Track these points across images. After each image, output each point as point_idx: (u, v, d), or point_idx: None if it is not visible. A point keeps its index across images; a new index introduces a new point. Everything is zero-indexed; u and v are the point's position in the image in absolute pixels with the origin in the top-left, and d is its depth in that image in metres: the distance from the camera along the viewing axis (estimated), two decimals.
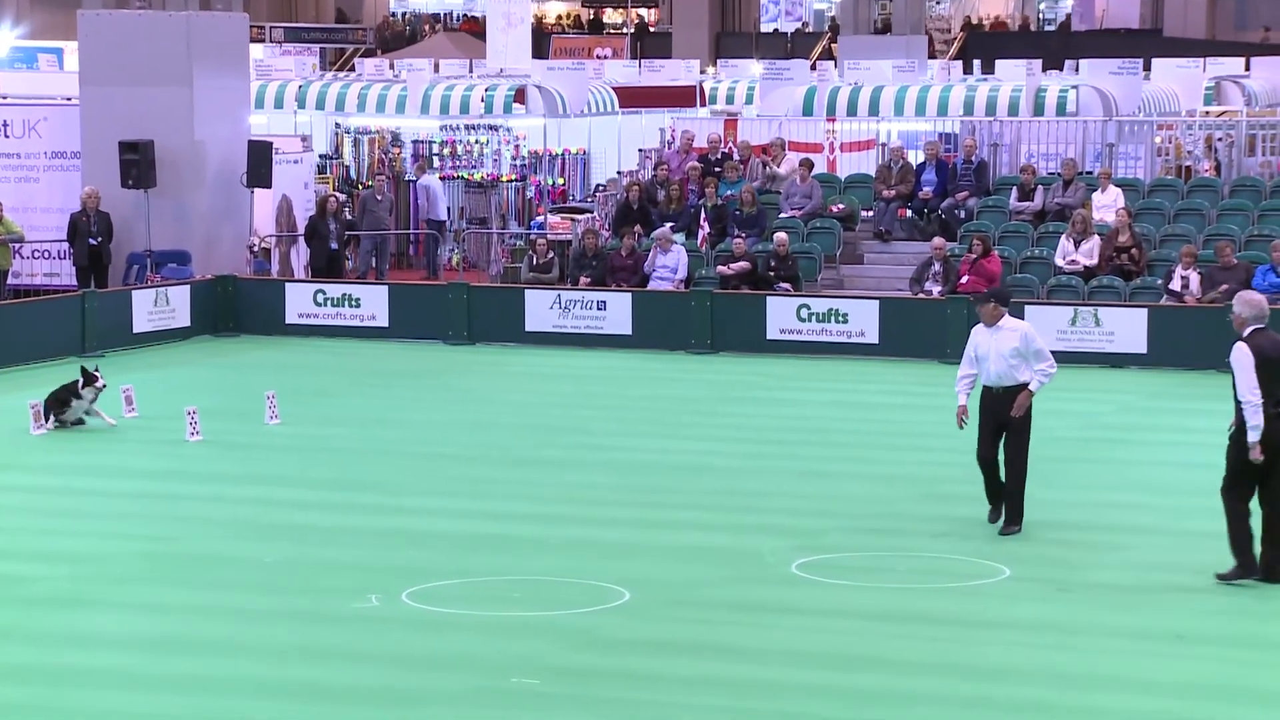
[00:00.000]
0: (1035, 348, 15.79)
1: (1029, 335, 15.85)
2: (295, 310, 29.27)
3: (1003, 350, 15.78)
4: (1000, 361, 15.78)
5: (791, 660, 12.36)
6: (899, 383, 25.08)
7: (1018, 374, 15.73)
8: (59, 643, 12.78)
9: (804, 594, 14.17)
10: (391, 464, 19.36)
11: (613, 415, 22.65)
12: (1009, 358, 15.75)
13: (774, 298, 27.85)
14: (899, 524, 16.54)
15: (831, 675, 12.05)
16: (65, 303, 27.42)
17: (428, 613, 13.57)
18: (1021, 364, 15.74)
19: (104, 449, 20.20)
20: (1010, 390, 15.75)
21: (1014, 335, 15.85)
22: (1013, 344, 15.77)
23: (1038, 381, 15.76)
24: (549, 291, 28.67)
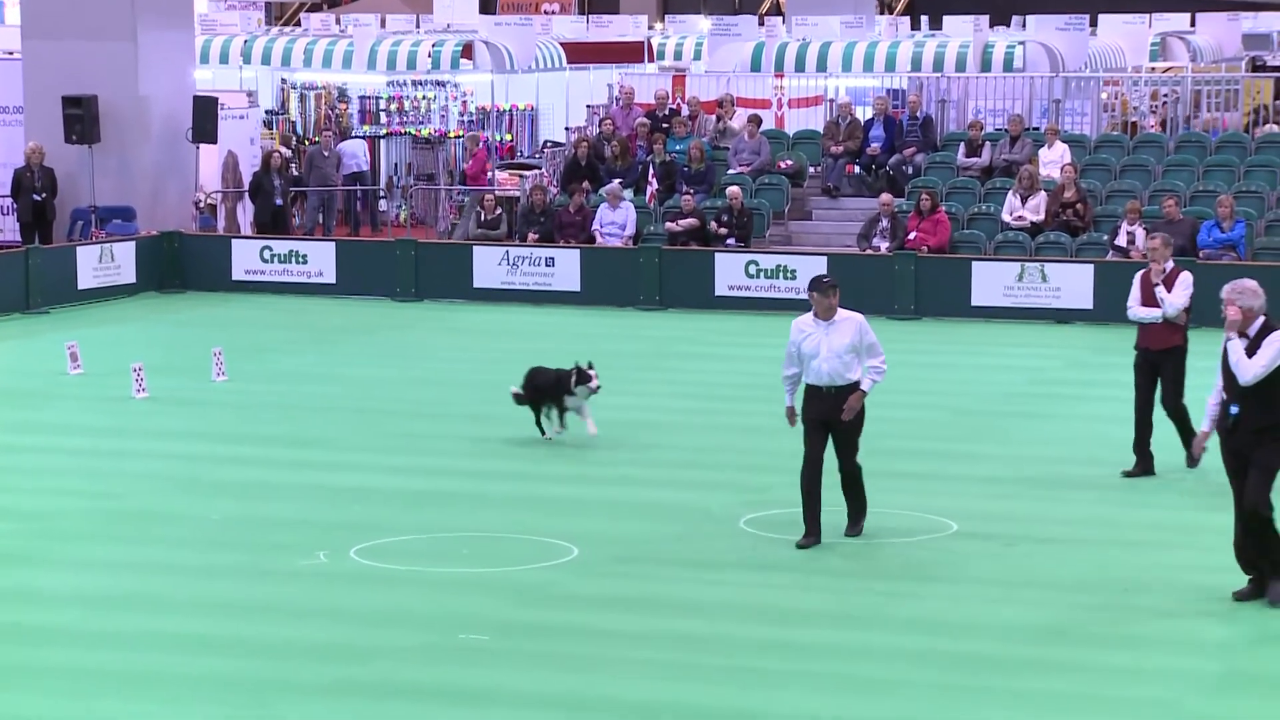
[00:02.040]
0: (870, 341, 13.87)
1: (864, 327, 13.85)
2: (242, 266, 29.09)
3: (837, 346, 13.77)
4: (833, 359, 13.77)
5: (740, 615, 12.36)
6: None
7: (850, 372, 13.81)
8: (1, 599, 12.66)
9: (752, 549, 14.16)
10: (339, 420, 19.27)
11: None
12: (843, 354, 13.77)
13: (722, 254, 27.82)
14: None
15: (780, 630, 12.06)
16: (9, 259, 27.18)
17: (376, 569, 13.52)
18: (855, 361, 13.84)
19: (49, 406, 20.04)
20: (842, 391, 13.81)
21: (849, 328, 13.82)
22: (848, 338, 13.79)
23: (870, 381, 13.85)
24: (497, 248, 28.57)
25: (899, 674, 11.15)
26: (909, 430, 18.84)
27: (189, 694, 10.67)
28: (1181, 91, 32.17)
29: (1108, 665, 11.34)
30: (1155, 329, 16.33)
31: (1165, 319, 16.25)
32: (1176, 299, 16.23)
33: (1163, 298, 16.20)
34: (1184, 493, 15.90)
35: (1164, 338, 16.31)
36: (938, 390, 21.14)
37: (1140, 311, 16.35)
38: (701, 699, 10.65)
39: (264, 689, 10.76)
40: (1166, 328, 16.30)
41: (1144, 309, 16.34)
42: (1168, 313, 16.17)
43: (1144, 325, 16.38)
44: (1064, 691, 10.85)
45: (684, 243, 28.68)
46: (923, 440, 18.38)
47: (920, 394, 20.94)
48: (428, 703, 10.57)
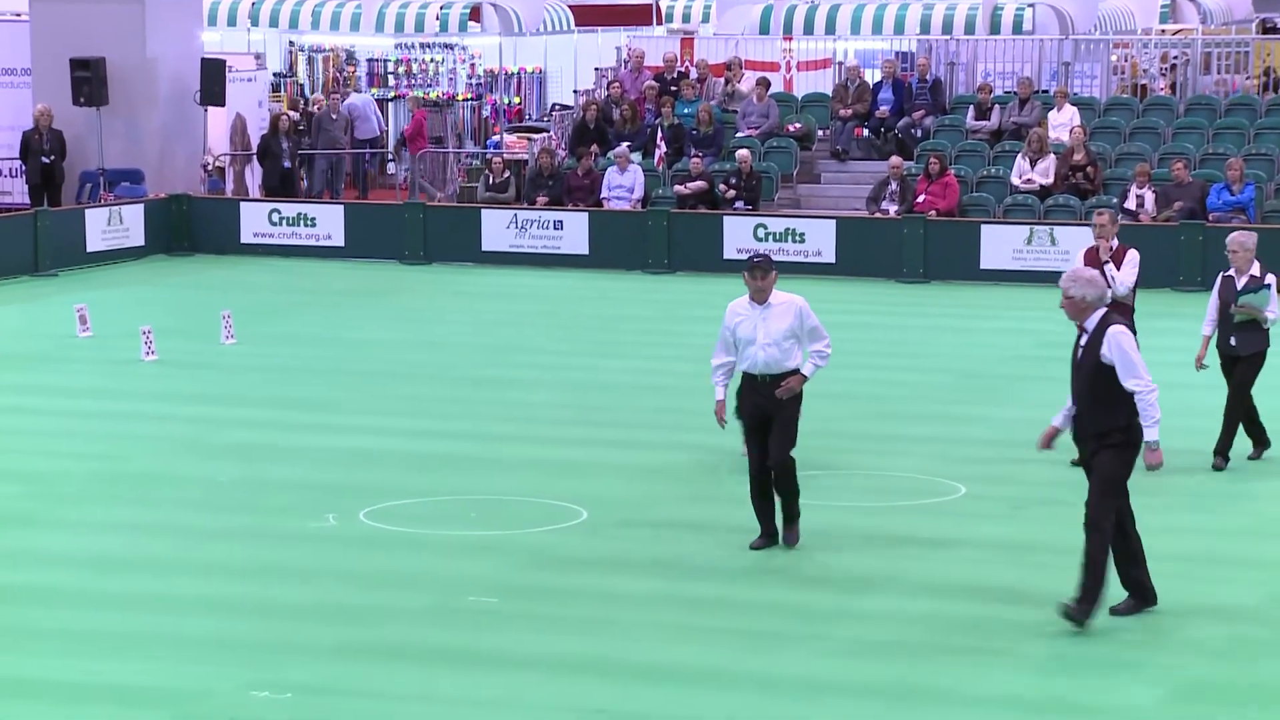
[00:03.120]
0: (811, 325, 12.73)
1: (804, 311, 12.71)
2: (250, 229, 29.05)
3: (774, 332, 12.64)
4: (770, 347, 12.64)
5: (748, 577, 12.34)
6: (855, 302, 25.03)
7: (789, 360, 12.68)
8: (3, 561, 12.65)
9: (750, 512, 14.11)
10: (348, 383, 19.24)
11: (569, 335, 22.56)
12: (782, 340, 12.65)
13: (731, 217, 27.75)
14: (853, 443, 16.51)
15: (787, 592, 12.03)
16: (18, 221, 27.14)
17: (385, 532, 13.50)
18: (795, 348, 12.71)
19: (57, 369, 20.02)
20: (780, 381, 12.71)
21: (787, 312, 12.68)
22: (786, 323, 12.65)
23: (813, 366, 12.75)
24: (505, 211, 28.51)
25: (906, 637, 11.12)
26: (917, 394, 18.80)
27: (195, 655, 10.66)
28: (1191, 54, 32.01)
29: (1117, 628, 11.30)
30: None
31: (1114, 298, 15.10)
32: (1126, 277, 15.43)
33: (1112, 275, 15.28)
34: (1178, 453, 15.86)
35: None
36: (946, 354, 21.09)
37: None
38: (709, 661, 10.63)
39: (271, 651, 10.75)
40: (1114, 308, 15.61)
41: None
42: (1118, 291, 15.16)
43: None
44: (1071, 654, 10.82)
45: (692, 206, 28.61)
46: (930, 404, 18.33)
47: (928, 357, 20.89)
48: (435, 665, 10.56)
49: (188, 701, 9.90)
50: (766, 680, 10.34)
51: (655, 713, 9.83)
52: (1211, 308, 15.49)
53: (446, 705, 9.93)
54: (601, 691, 10.12)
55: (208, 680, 10.24)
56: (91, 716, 9.66)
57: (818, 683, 10.30)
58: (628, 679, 10.35)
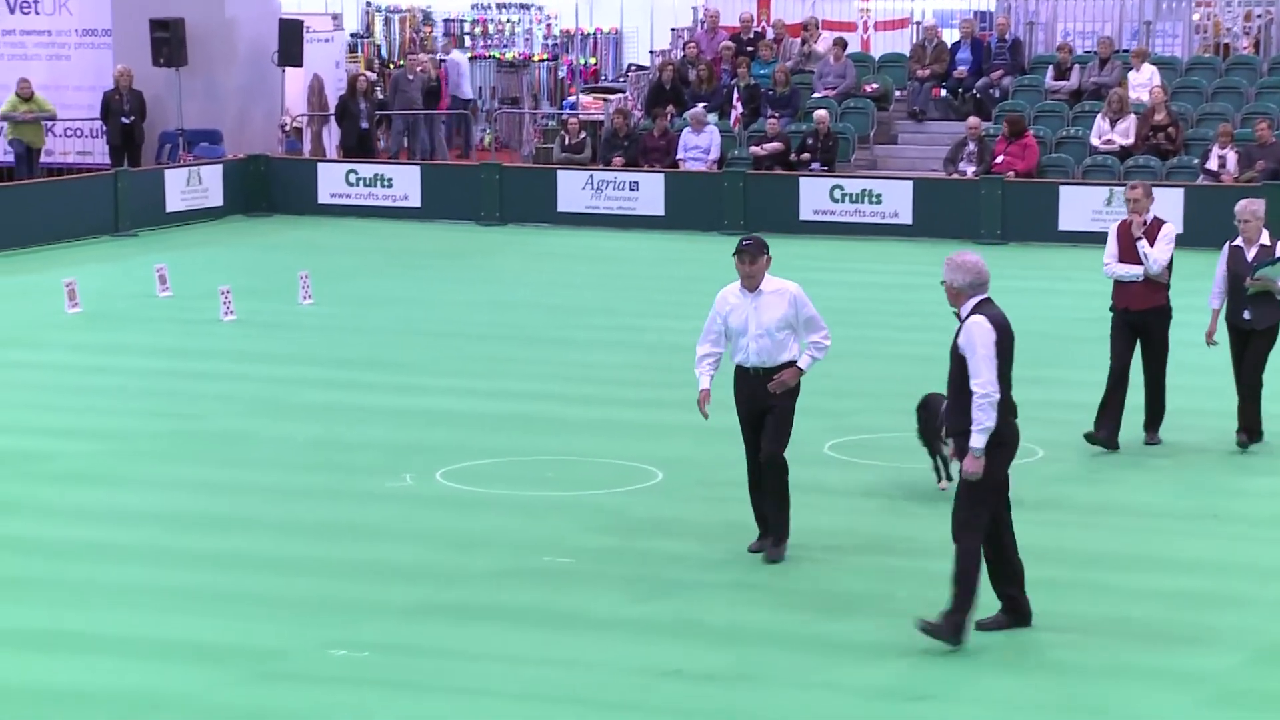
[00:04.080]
0: (808, 314, 11.77)
1: (800, 299, 11.75)
2: (328, 190, 29.14)
3: (766, 322, 11.69)
4: (763, 338, 11.70)
5: (824, 539, 12.27)
6: (931, 264, 24.75)
7: (784, 352, 11.73)
8: (79, 518, 12.75)
9: (836, 474, 14.07)
10: (424, 344, 19.28)
11: (644, 296, 22.53)
12: (775, 330, 11.70)
13: (807, 178, 27.64)
14: None
15: (862, 556, 11.97)
16: (98, 182, 27.32)
17: (461, 491, 13.52)
18: (790, 339, 11.76)
19: (137, 329, 20.14)
20: (774, 374, 11.75)
21: (780, 301, 11.72)
22: (779, 312, 11.71)
23: (809, 358, 11.70)
24: (581, 172, 28.47)
25: (981, 601, 11.03)
26: None
27: (271, 613, 10.70)
28: (1275, 12, 31.57)
29: (1194, 592, 11.18)
30: (1136, 288, 14.61)
31: (1148, 276, 14.58)
32: (1160, 254, 14.55)
33: (1145, 252, 14.53)
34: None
35: (1146, 297, 14.63)
36: (1023, 315, 20.75)
37: (1119, 269, 14.67)
38: (785, 625, 10.59)
39: (348, 610, 10.78)
40: (1148, 286, 14.59)
41: (1123, 265, 14.66)
42: (1151, 269, 14.52)
43: (1122, 283, 14.68)
44: (1148, 618, 10.71)
45: (768, 167, 28.49)
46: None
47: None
48: (511, 625, 10.55)
49: (264, 659, 9.94)
50: (843, 645, 10.29)
51: (728, 674, 9.80)
52: (1220, 280, 14.81)
53: (521, 665, 9.93)
54: (675, 653, 10.09)
55: (284, 638, 10.28)
56: (168, 674, 9.71)
57: (886, 645, 10.23)
58: (701, 641, 10.32)
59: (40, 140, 29.78)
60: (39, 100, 29.57)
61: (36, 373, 17.78)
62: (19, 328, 20.13)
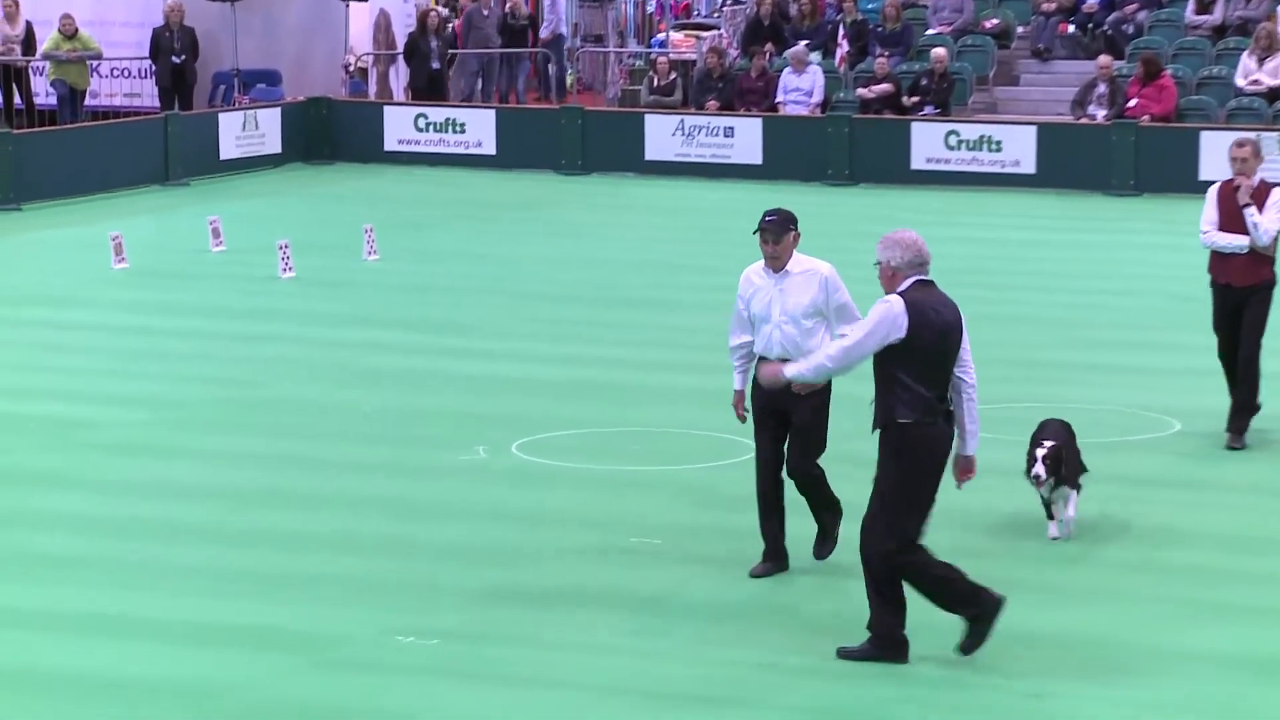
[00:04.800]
0: (840, 301, 11.00)
1: (832, 282, 11.04)
2: (394, 136, 29.26)
3: (792, 308, 10.99)
4: (789, 324, 10.94)
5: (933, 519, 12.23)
6: (1057, 217, 24.76)
7: (811, 341, 10.89)
8: (128, 492, 12.90)
9: None
10: (499, 304, 19.35)
11: (737, 253, 22.43)
12: (802, 317, 10.96)
13: (920, 124, 27.51)
14: (1055, 372, 16.34)
15: (977, 538, 11.93)
16: (147, 126, 27.56)
17: (539, 465, 13.58)
18: (820, 327, 10.97)
19: (189, 286, 20.32)
20: None
21: (809, 283, 11.04)
22: (807, 297, 11.01)
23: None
24: (671, 117, 28.45)
25: (1114, 584, 11.01)
26: (1126, 318, 18.55)
27: (334, 597, 10.79)
28: None
29: None
30: (1239, 261, 13.80)
31: (1254, 248, 13.74)
32: (1269, 222, 13.66)
33: (1254, 221, 13.64)
34: None
35: (1251, 272, 13.80)
36: (1159, 275, 20.78)
37: (1220, 238, 13.82)
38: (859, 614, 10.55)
39: (417, 593, 10.86)
40: (1253, 259, 13.78)
41: (1225, 235, 13.81)
42: (1259, 240, 13.67)
43: (1222, 256, 13.87)
44: None
45: (877, 111, 28.39)
46: (1142, 330, 18.09)
47: (1139, 279, 20.60)
48: (593, 612, 10.59)
49: (326, 646, 10.03)
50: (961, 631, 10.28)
51: (828, 670, 9.80)
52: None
53: (603, 655, 9.97)
54: (775, 641, 10.10)
55: (348, 624, 10.37)
56: (222, 661, 9.82)
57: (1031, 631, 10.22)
58: (803, 629, 10.33)
59: (85, 81, 30.06)
60: (83, 38, 29.83)
61: (81, 334, 17.99)
62: (62, 285, 20.36)
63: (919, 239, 9.91)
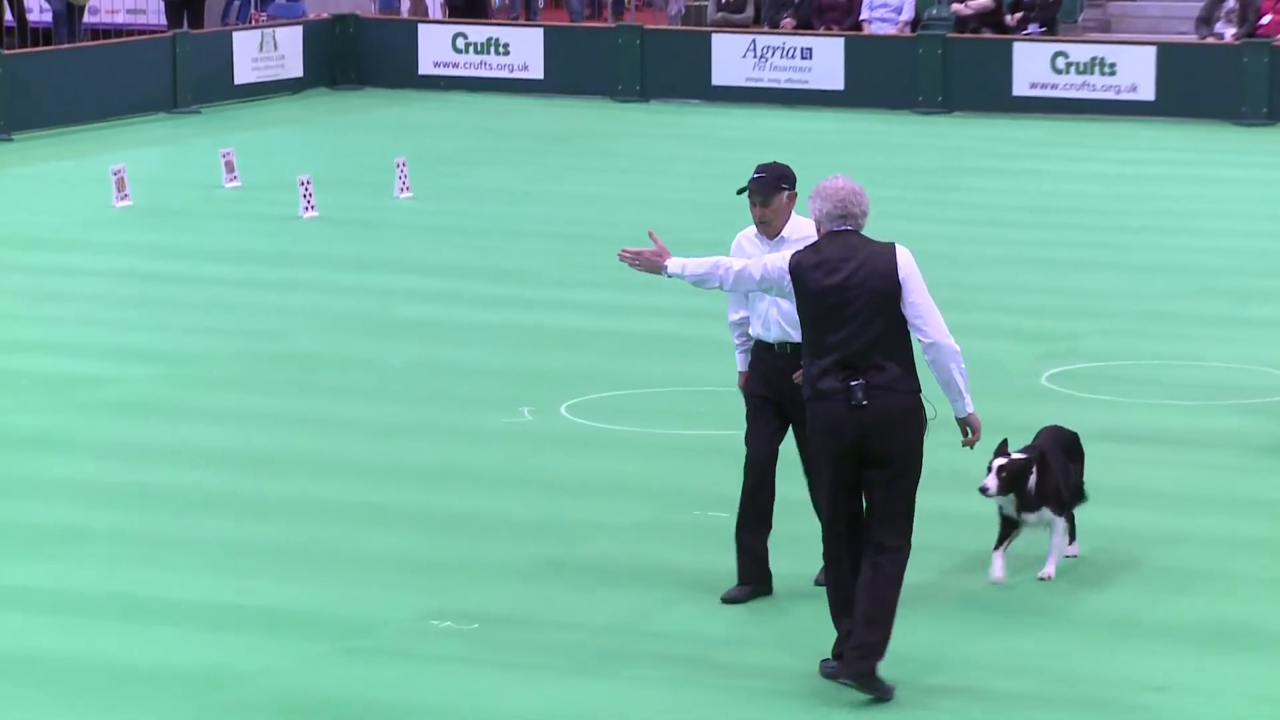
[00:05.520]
0: None
1: None
2: (430, 58, 29.27)
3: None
4: (789, 300, 10.01)
5: None
6: (1178, 150, 24.63)
7: None
8: (136, 456, 13.01)
9: (1055, 411, 14.01)
10: (545, 248, 19.39)
11: None
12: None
13: (1023, 44, 27.40)
14: (1171, 326, 16.30)
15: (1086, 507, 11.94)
16: (153, 47, 27.63)
17: (591, 429, 13.63)
18: None
19: (199, 226, 20.42)
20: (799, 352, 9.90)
21: None
22: None
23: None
24: (741, 37, 28.39)
25: (1222, 564, 11.00)
26: (1255, 264, 18.50)
27: (363, 576, 10.86)
28: None
29: None
30: None
31: None
32: None
33: None
34: None
35: None
36: None
37: None
38: (979, 587, 10.60)
39: (455, 572, 10.92)
40: None
41: None
42: None
43: None
44: None
45: (974, 30, 28.28)
46: (1262, 278, 18.02)
47: (1271, 219, 20.51)
48: (653, 591, 10.61)
49: (353, 632, 10.10)
50: (1061, 613, 10.30)
51: (922, 656, 9.84)
52: None
53: (667, 642, 9.98)
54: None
55: (378, 606, 10.44)
56: (238, 647, 9.89)
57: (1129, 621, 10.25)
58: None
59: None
60: None
61: (80, 280, 18.11)
62: (58, 226, 20.49)
63: (848, 188, 9.61)
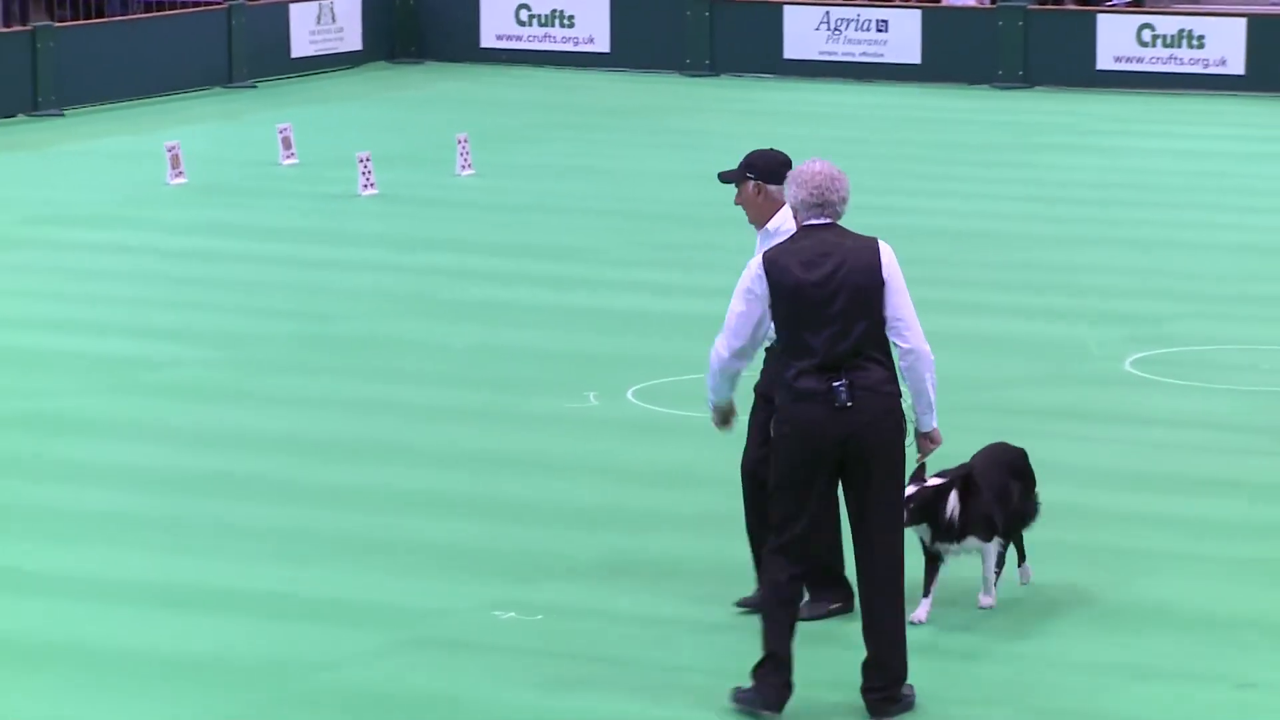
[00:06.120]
0: None
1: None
2: (492, 31, 29.26)
3: None
4: None
5: (1119, 482, 12.19)
6: (1269, 126, 24.47)
7: None
8: (191, 441, 13.02)
9: (1139, 398, 13.96)
10: (611, 227, 19.36)
11: (891, 168, 22.39)
12: None
13: (1107, 16, 27.27)
14: (1263, 309, 16.18)
15: (1171, 500, 11.88)
16: (207, 20, 27.66)
17: (659, 414, 13.59)
18: None
19: (256, 204, 20.45)
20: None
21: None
22: None
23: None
24: (814, 9, 28.31)
25: None
26: None
27: (424, 566, 10.85)
28: None
29: None
30: None
31: None
32: None
33: None
34: None
35: None
36: None
37: None
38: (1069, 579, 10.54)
39: (518, 562, 10.90)
40: None
41: None
42: None
43: None
44: None
45: (1057, 1, 28.14)
46: None
47: None
48: (720, 583, 10.56)
49: (415, 622, 10.09)
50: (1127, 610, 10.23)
51: (1028, 654, 9.77)
52: None
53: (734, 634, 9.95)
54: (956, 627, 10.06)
55: (439, 596, 10.42)
56: (297, 638, 9.90)
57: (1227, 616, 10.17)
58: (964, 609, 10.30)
59: None
60: None
61: (133, 259, 18.14)
62: (110, 203, 20.53)
63: (825, 173, 9.44)
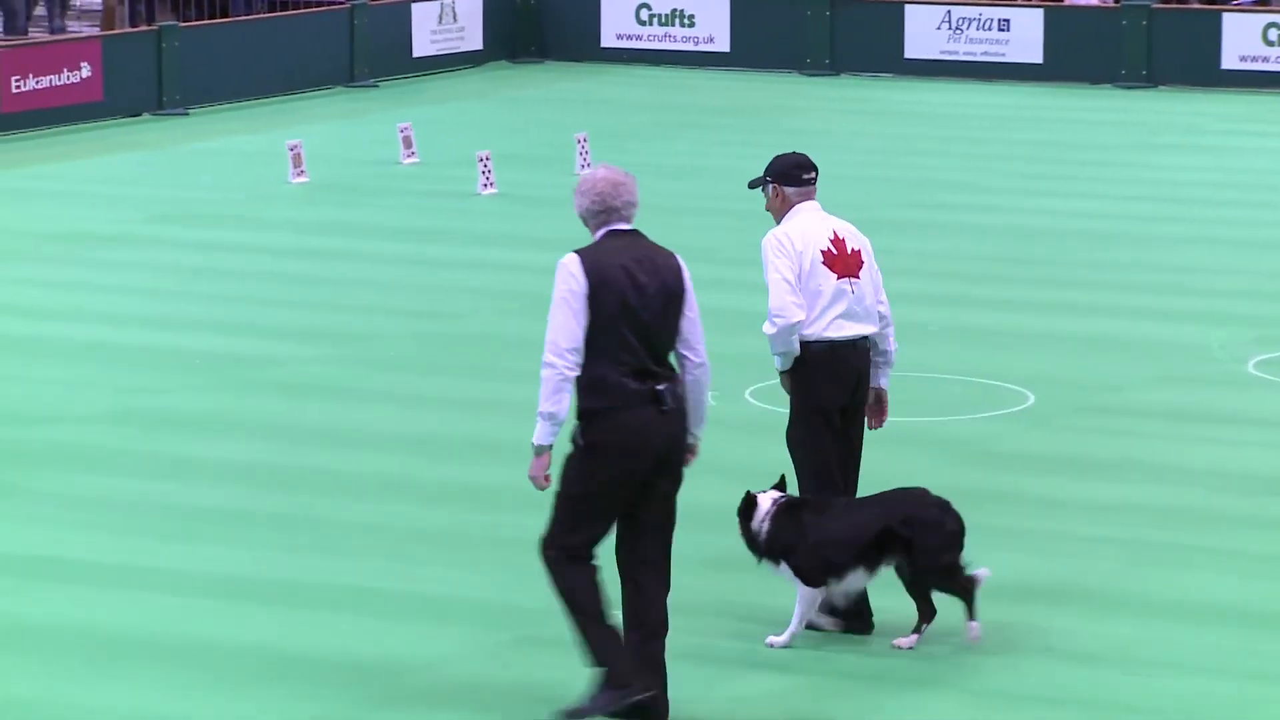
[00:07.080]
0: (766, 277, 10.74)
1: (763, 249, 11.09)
2: (613, 30, 29.27)
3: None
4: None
5: (1233, 485, 12.08)
6: None
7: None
8: (307, 439, 13.10)
9: (1262, 400, 13.81)
10: (730, 226, 19.31)
11: (1011, 168, 22.29)
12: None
13: (1233, 14, 27.03)
14: None
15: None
16: (330, 19, 27.80)
17: (777, 415, 13.51)
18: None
19: (377, 203, 20.51)
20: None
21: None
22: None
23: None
24: (935, 8, 28.19)
25: None
26: None
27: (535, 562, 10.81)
28: None
29: None
30: None
31: None
32: None
33: None
34: None
35: None
36: None
37: None
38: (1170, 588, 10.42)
39: None
40: None
41: None
42: None
43: None
44: None
45: (1181, 0, 27.92)
46: None
47: None
48: None
49: (526, 621, 10.10)
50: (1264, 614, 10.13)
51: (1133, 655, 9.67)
52: None
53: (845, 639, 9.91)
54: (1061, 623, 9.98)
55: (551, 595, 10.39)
56: (407, 635, 9.92)
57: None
58: (1082, 610, 10.20)
59: None
60: None
61: (253, 257, 18.23)
62: (232, 201, 20.64)
63: (606, 179, 9.31)
